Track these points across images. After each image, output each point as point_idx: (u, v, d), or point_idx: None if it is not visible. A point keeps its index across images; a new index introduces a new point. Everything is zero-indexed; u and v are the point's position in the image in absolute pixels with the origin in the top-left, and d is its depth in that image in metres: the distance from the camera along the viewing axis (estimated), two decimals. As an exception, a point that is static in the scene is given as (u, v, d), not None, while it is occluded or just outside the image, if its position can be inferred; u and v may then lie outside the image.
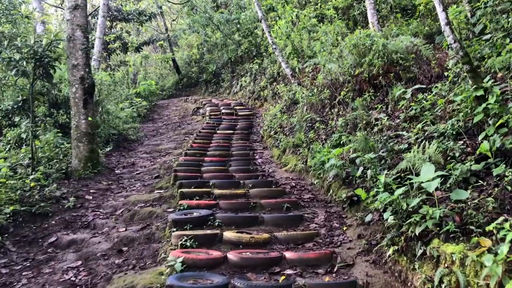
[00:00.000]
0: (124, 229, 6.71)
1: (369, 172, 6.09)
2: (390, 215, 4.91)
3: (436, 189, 4.58)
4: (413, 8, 13.62)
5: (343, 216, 6.33)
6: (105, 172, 10.12)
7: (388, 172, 5.72)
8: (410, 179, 5.14)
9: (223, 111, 15.94)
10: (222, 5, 23.40)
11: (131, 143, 13.79)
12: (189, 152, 10.77)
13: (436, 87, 7.43)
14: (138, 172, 10.21)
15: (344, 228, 5.83)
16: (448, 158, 5.57)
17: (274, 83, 16.17)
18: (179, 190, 7.51)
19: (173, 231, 5.92)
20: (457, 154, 5.46)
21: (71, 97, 10.11)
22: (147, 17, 23.00)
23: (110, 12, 21.57)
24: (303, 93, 10.37)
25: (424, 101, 7.26)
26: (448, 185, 5.03)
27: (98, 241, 6.48)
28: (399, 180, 5.57)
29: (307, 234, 5.66)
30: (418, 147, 5.80)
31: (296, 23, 15.16)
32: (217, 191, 7.49)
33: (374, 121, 8.13)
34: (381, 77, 9.09)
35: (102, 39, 16.26)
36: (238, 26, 20.67)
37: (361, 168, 6.25)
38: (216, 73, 22.12)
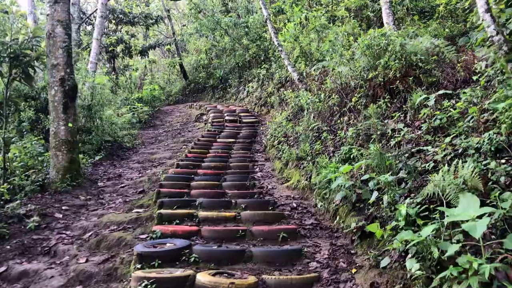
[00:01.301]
0: (85, 259, 5.40)
1: (385, 197, 4.70)
2: (416, 263, 3.51)
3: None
4: (432, 10, 12.24)
5: (352, 252, 4.92)
6: (86, 185, 8.84)
7: (411, 201, 4.32)
8: (440, 211, 3.77)
9: (226, 117, 14.63)
10: (232, 10, 22.19)
11: (126, 151, 12.55)
12: (182, 163, 9.45)
13: (465, 92, 6.06)
14: (123, 185, 8.91)
15: (353, 271, 4.43)
16: (490, 183, 4.18)
17: (282, 89, 14.82)
18: (158, 212, 6.19)
19: (136, 269, 4.60)
20: (502, 179, 4.06)
21: (50, 101, 8.88)
22: (154, 20, 21.85)
23: (115, 15, 20.50)
24: (309, 98, 8.99)
25: (452, 110, 5.87)
26: (493, 221, 3.63)
27: (52, 274, 5.18)
28: (424, 210, 4.17)
29: (305, 279, 4.27)
30: (449, 167, 4.42)
31: (305, 25, 13.83)
32: (202, 213, 6.15)
33: (390, 132, 6.74)
34: (398, 81, 7.71)
35: (100, 40, 15.07)
36: (247, 30, 19.40)
37: (375, 193, 4.85)
38: (224, 78, 20.86)
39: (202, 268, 4.63)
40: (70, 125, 8.80)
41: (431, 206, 4.05)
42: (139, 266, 4.65)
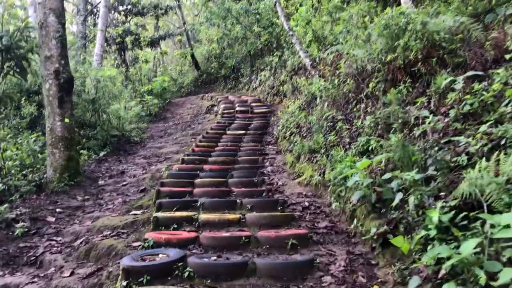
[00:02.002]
0: (70, 272, 4.75)
1: (411, 199, 3.90)
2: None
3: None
4: (453, -11, 11.25)
5: (373, 263, 4.16)
6: (85, 184, 8.22)
7: (444, 204, 3.51)
8: (482, 218, 2.99)
9: (237, 108, 13.86)
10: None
11: (133, 146, 11.92)
12: (187, 158, 8.75)
13: (497, 73, 5.20)
14: (124, 183, 8.26)
15: (375, 289, 3.66)
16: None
17: (295, 76, 13.98)
18: (154, 215, 5.49)
19: (122, 287, 3.92)
20: (556, 176, 3.25)
21: (45, 95, 8.26)
22: (164, 10, 21.11)
23: (124, 6, 19.82)
24: (321, 85, 8.16)
25: (484, 93, 5.03)
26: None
27: (32, 291, 4.55)
28: (459, 215, 3.38)
29: (316, 301, 3.52)
30: (487, 161, 3.63)
31: (318, 9, 12.93)
32: (203, 216, 5.43)
33: (413, 120, 5.91)
34: (420, 63, 6.83)
35: (105, 32, 14.41)
36: (258, 16, 18.52)
37: (399, 195, 4.04)
38: (236, 68, 20.06)
39: (196, 284, 3.92)
40: (66, 120, 8.17)
41: (471, 214, 3.24)
42: (124, 283, 3.96)
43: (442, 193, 3.77)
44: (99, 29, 14.15)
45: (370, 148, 6.03)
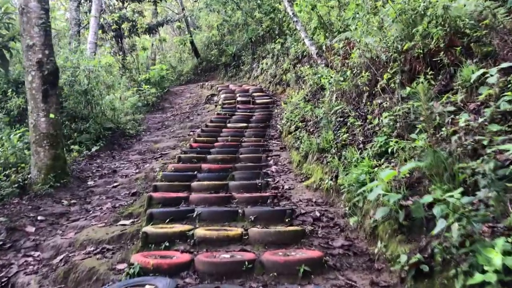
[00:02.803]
0: (42, 303, 3.97)
1: (455, 227, 3.08)
2: None
3: None
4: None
5: (404, 300, 3.36)
6: (73, 185, 7.42)
7: (505, 240, 2.70)
8: None
9: (238, 99, 12.99)
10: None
11: (128, 139, 11.10)
12: (184, 156, 7.92)
13: (538, 65, 4.36)
14: (115, 184, 7.46)
15: None
16: None
17: (298, 65, 13.09)
18: (144, 230, 4.69)
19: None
20: None
21: (27, 88, 7.42)
22: (162, -5, 20.12)
23: (120, -9, 18.83)
24: (331, 77, 7.28)
25: (526, 88, 4.20)
26: None
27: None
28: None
29: None
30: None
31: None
32: (199, 232, 4.62)
33: (437, 117, 5.06)
34: (442, 52, 5.97)
35: (98, 18, 13.46)
36: (259, 2, 17.57)
37: (441, 222, 3.20)
38: (236, 55, 19.11)
39: (189, 330, 3.14)
40: (51, 116, 7.34)
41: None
42: (101, 327, 3.18)
43: (499, 224, 2.96)
44: (92, 15, 13.20)
45: (388, 149, 5.21)
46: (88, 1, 16.24)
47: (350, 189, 5.09)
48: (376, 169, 4.97)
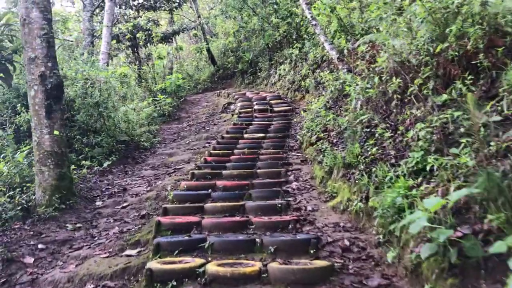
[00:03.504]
0: None
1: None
2: None
3: None
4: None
5: None
6: (79, 206, 6.85)
7: None
8: None
9: (255, 107, 12.32)
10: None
11: (142, 152, 10.53)
12: (198, 172, 7.29)
13: None
14: (125, 204, 6.86)
15: None
16: None
17: (318, 70, 12.37)
18: (148, 267, 4.04)
19: None
20: None
21: (30, 103, 6.89)
22: (177, 3, 19.61)
23: (135, 1, 18.39)
24: (357, 84, 6.53)
25: None
26: None
27: None
28: None
29: None
30: None
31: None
32: (211, 268, 3.94)
33: (483, 130, 4.30)
34: (482, 54, 5.19)
35: (111, 28, 12.98)
36: (276, 7, 16.92)
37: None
38: (253, 62, 18.46)
39: None
40: (56, 132, 6.78)
41: None
42: None
43: None
44: (104, 25, 12.72)
45: (426, 167, 4.48)
46: (101, 11, 15.83)
47: (384, 213, 4.36)
48: (414, 191, 4.23)
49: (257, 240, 4.49)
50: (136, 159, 9.99)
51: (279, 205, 5.50)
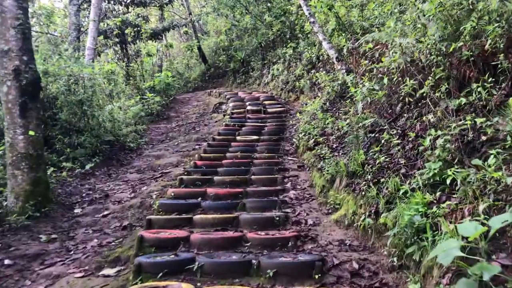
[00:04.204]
0: None
1: None
2: None
3: None
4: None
5: None
6: (56, 214, 6.17)
7: None
8: None
9: (248, 108, 11.71)
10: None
11: (128, 154, 9.86)
12: (187, 178, 6.66)
13: None
14: (106, 213, 6.20)
15: None
16: None
17: (313, 71, 11.81)
18: (126, 293, 3.41)
19: None
20: None
21: (2, 101, 6.20)
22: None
23: (125, -4, 17.64)
24: (364, 85, 5.91)
25: None
26: None
27: None
28: None
29: None
30: None
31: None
32: (200, 296, 3.34)
33: (509, 138, 3.76)
34: (502, 54, 4.65)
35: (98, 23, 12.25)
36: (269, 5, 16.35)
37: None
38: (245, 61, 17.83)
39: None
40: (31, 133, 6.10)
41: None
42: None
43: None
44: (91, 19, 11.98)
45: (444, 178, 3.92)
46: (89, 6, 15.06)
47: (399, 233, 3.78)
48: (434, 208, 3.66)
49: (254, 261, 3.87)
50: (121, 161, 9.32)
51: (277, 218, 4.90)
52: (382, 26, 8.04)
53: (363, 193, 4.77)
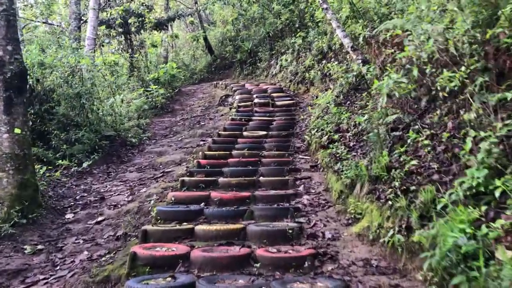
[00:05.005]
0: None
1: None
2: None
3: None
4: None
5: None
6: (45, 220, 5.56)
7: None
8: None
9: (255, 100, 11.00)
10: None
11: (130, 150, 9.23)
12: (189, 180, 6.01)
13: None
14: (99, 219, 5.57)
15: None
16: None
17: (324, 61, 11.06)
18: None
19: None
20: None
21: (-15, 95, 5.53)
22: (173, -12, 18.13)
23: (128, -16, 16.88)
24: (390, 78, 5.16)
25: None
26: None
27: None
28: None
29: None
30: None
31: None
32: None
33: None
34: (550, 42, 3.92)
35: (98, 11, 11.56)
36: (278, -8, 15.55)
37: None
38: (253, 51, 17.08)
39: None
40: (17, 131, 5.47)
41: None
42: None
43: None
44: (90, 7, 11.29)
45: (494, 191, 3.23)
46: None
47: (439, 254, 3.09)
48: (483, 228, 2.97)
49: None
50: (121, 158, 8.68)
51: (290, 231, 4.22)
52: (402, 13, 7.31)
53: (390, 202, 4.07)
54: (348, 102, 7.93)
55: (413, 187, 4.01)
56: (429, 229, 3.41)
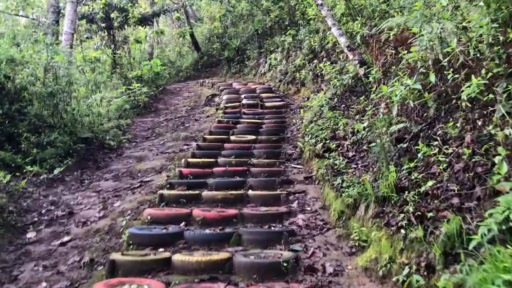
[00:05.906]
0: None
1: None
2: None
3: None
4: None
5: None
6: (2, 241, 4.76)
7: None
8: None
9: (244, 101, 10.26)
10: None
11: (107, 153, 8.43)
12: (169, 194, 5.27)
13: None
14: (65, 239, 4.79)
15: None
16: None
17: (315, 61, 10.39)
18: None
19: None
20: None
21: None
22: (158, -18, 17.25)
23: (112, -23, 15.93)
24: (402, 84, 4.45)
25: None
26: None
27: None
28: None
29: None
30: None
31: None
32: None
33: None
34: None
35: (76, 4, 10.68)
36: (267, -11, 14.82)
37: None
38: (240, 49, 16.31)
39: None
40: (-31, 138, 4.64)
41: None
42: None
43: None
44: (68, 0, 10.43)
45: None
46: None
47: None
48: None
49: None
50: (98, 163, 7.89)
51: (285, 264, 3.52)
52: (403, 9, 6.65)
53: (403, 231, 3.40)
54: (344, 105, 7.28)
55: (430, 214, 3.34)
56: (456, 273, 2.76)
